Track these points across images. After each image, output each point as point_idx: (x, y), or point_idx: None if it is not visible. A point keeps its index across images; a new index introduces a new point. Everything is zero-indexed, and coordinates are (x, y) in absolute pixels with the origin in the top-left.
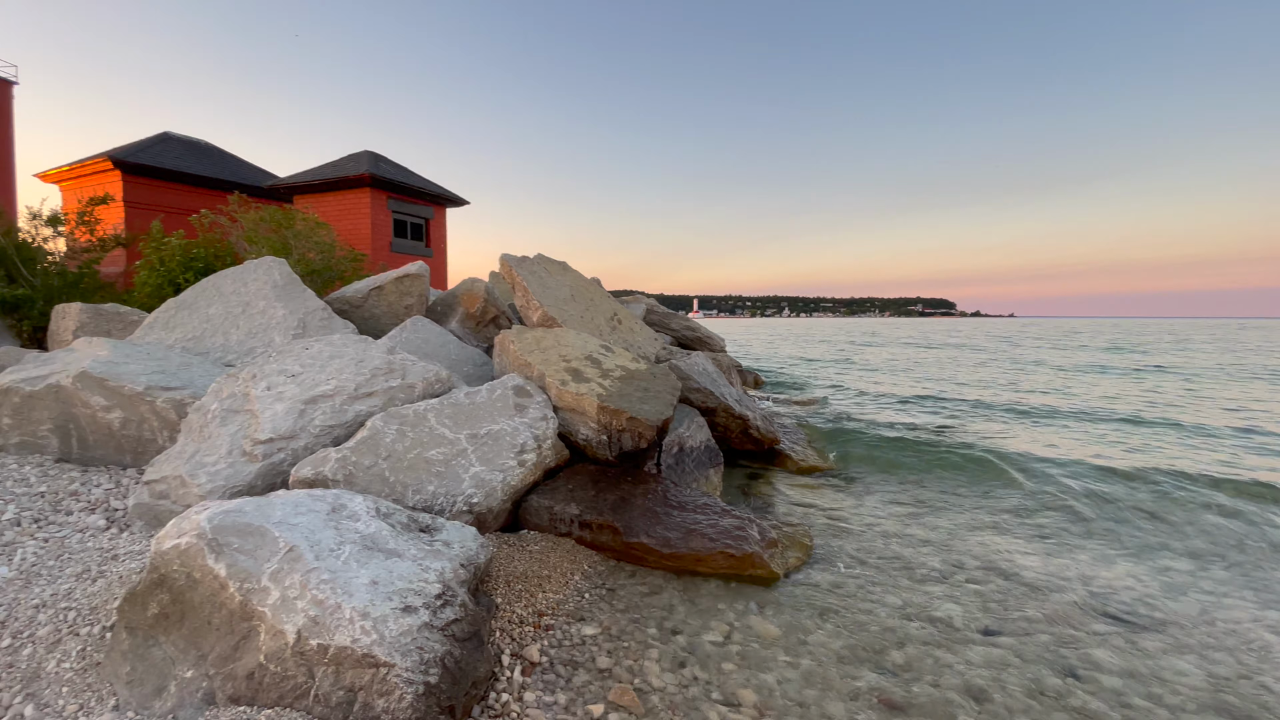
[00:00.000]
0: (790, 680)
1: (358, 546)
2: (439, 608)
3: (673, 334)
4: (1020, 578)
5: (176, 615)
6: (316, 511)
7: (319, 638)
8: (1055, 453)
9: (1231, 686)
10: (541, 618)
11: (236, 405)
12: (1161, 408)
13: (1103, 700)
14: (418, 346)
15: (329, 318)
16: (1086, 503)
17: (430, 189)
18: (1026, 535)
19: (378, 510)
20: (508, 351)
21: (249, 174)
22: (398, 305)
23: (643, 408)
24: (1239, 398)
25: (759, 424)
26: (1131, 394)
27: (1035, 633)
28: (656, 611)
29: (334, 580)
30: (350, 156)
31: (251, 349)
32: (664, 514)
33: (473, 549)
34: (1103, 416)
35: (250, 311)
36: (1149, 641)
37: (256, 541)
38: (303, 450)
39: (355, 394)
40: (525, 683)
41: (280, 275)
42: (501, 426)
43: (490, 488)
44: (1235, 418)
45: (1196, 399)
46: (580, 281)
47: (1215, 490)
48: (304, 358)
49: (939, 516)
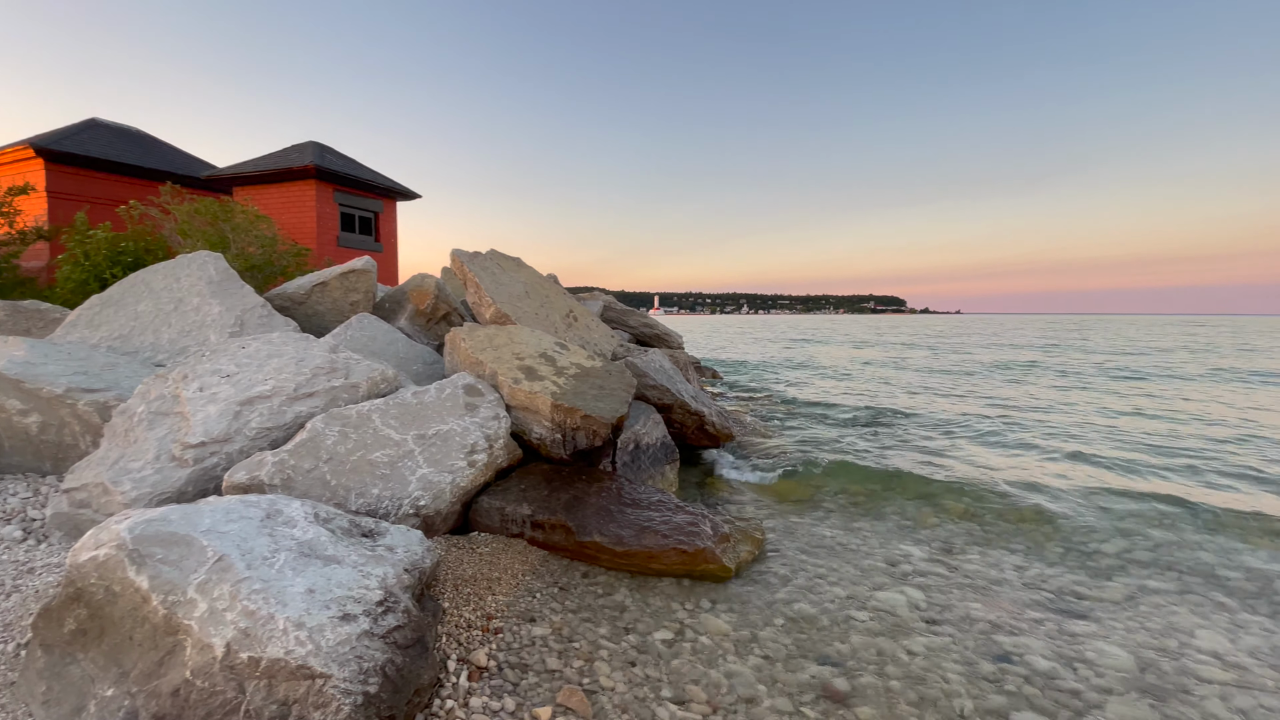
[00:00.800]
0: (739, 675)
1: (293, 554)
2: (380, 615)
3: (631, 331)
4: (962, 569)
5: (95, 631)
6: (249, 518)
7: (250, 650)
8: (991, 446)
9: (1155, 668)
10: (490, 621)
11: (166, 407)
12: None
13: (1034, 685)
14: (364, 345)
15: (269, 315)
16: (1021, 491)
17: (380, 181)
18: (967, 526)
19: (316, 515)
20: (458, 349)
21: (184, 163)
22: (343, 302)
23: (597, 405)
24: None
25: (715, 420)
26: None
27: (974, 621)
28: (609, 611)
29: (267, 590)
30: (294, 147)
31: (184, 348)
32: (618, 512)
33: (418, 553)
34: (1023, 409)
35: (183, 309)
36: (1077, 627)
37: (182, 551)
38: (238, 454)
39: (295, 394)
40: (471, 688)
41: (216, 270)
42: (451, 426)
43: (439, 490)
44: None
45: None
46: (535, 278)
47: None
48: (240, 357)
49: (886, 509)
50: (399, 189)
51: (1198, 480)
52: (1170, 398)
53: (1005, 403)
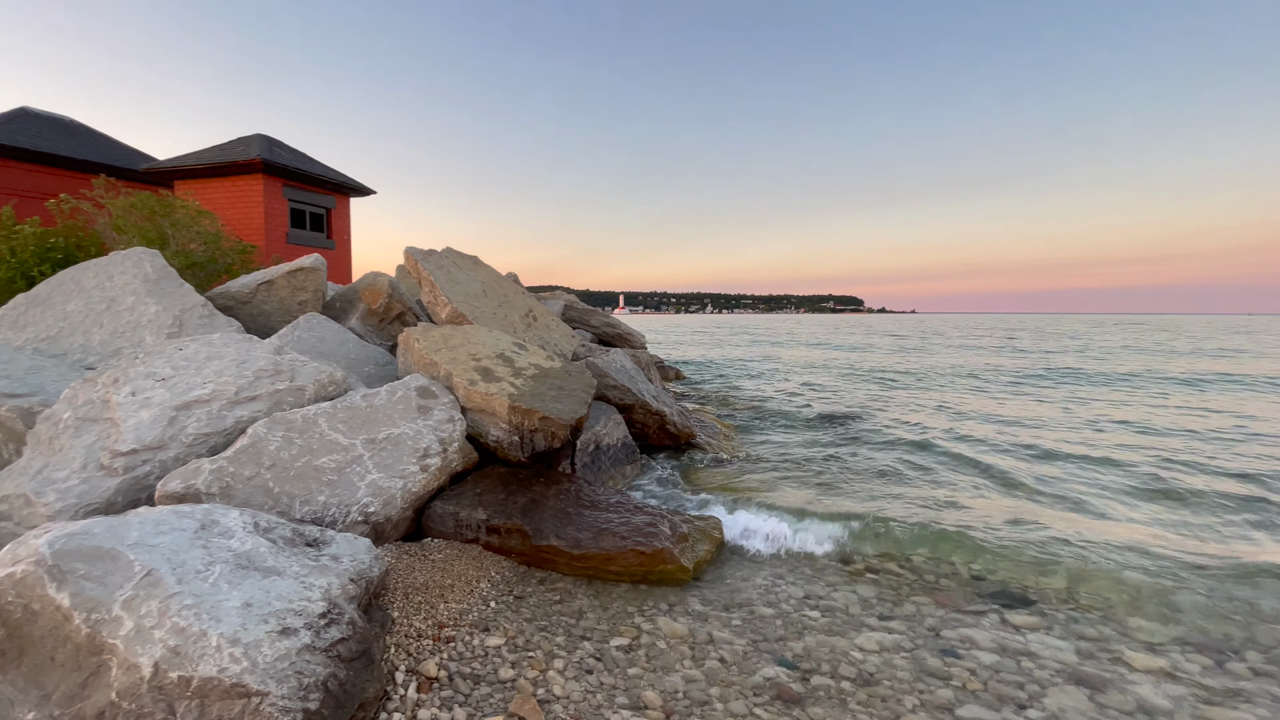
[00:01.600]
0: (695, 680)
1: (230, 566)
2: (323, 627)
3: (593, 331)
4: (912, 562)
5: (14, 652)
6: (182, 530)
7: (180, 669)
8: (946, 432)
9: (1091, 659)
10: (442, 630)
11: (94, 413)
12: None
13: (979, 678)
14: (312, 346)
15: (210, 315)
16: (979, 484)
17: (332, 176)
18: (918, 519)
19: (256, 525)
20: (411, 350)
21: (120, 155)
22: (290, 301)
23: (556, 406)
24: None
25: (676, 419)
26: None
27: (923, 615)
28: (566, 618)
29: (199, 605)
30: (240, 140)
31: (118, 350)
32: (576, 514)
33: (365, 561)
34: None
35: (117, 308)
36: (1019, 618)
37: (107, 567)
38: (173, 462)
39: (236, 398)
40: (420, 700)
41: (153, 268)
42: (403, 430)
43: (389, 495)
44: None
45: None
46: (493, 277)
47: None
48: (177, 359)
49: (845, 504)
50: (352, 184)
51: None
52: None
53: (966, 405)
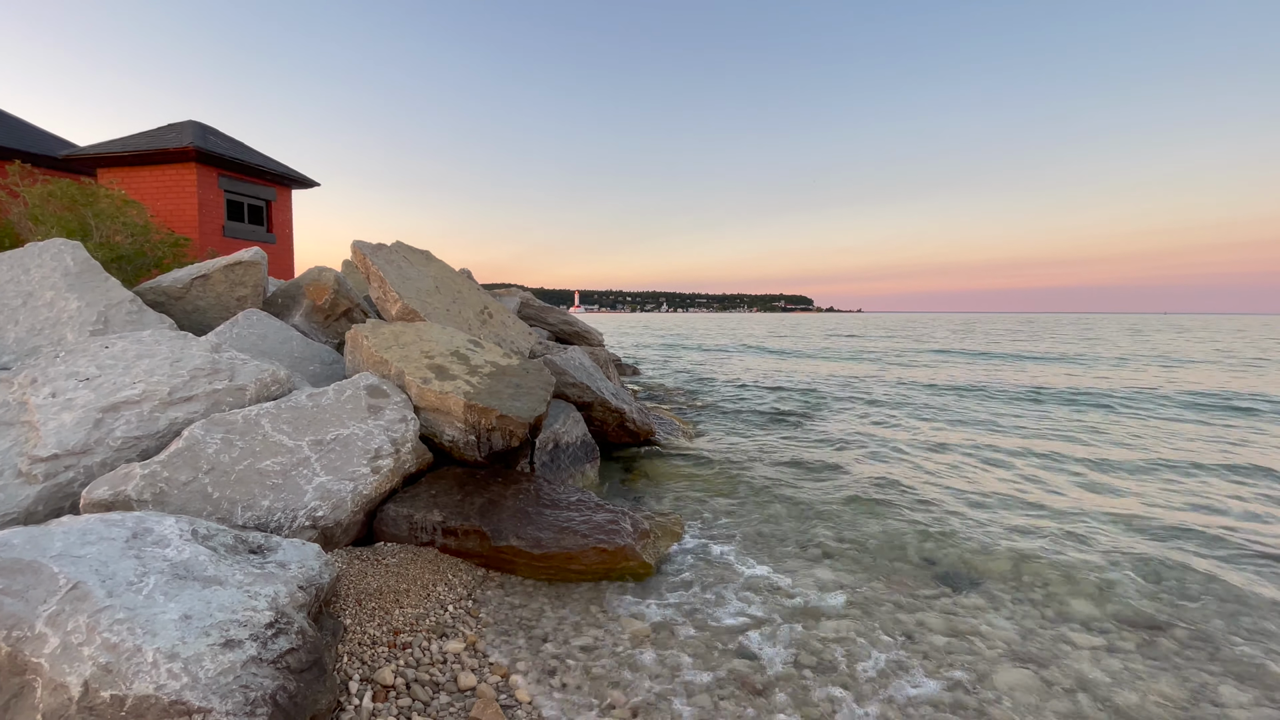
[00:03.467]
0: (659, 675)
1: (165, 577)
2: (270, 638)
3: (550, 329)
4: (867, 548)
5: None
6: (111, 539)
7: (112, 688)
8: (895, 425)
9: (1035, 637)
10: (398, 636)
11: (9, 416)
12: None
13: (932, 659)
14: (252, 344)
15: (139, 311)
16: (920, 470)
17: (272, 167)
18: (871, 504)
19: (194, 533)
20: (360, 348)
21: (37, 140)
22: (228, 297)
23: (514, 405)
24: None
25: (635, 417)
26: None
27: (879, 600)
28: (526, 620)
29: (132, 619)
30: (171, 126)
31: (35, 348)
32: (536, 514)
33: (314, 568)
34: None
35: (34, 304)
36: (970, 600)
37: (28, 580)
38: (99, 467)
39: (169, 399)
40: (376, 709)
41: (74, 260)
42: (352, 431)
43: (338, 499)
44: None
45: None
46: (446, 273)
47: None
48: (102, 358)
49: (800, 495)
50: (294, 176)
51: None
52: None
53: (913, 395)
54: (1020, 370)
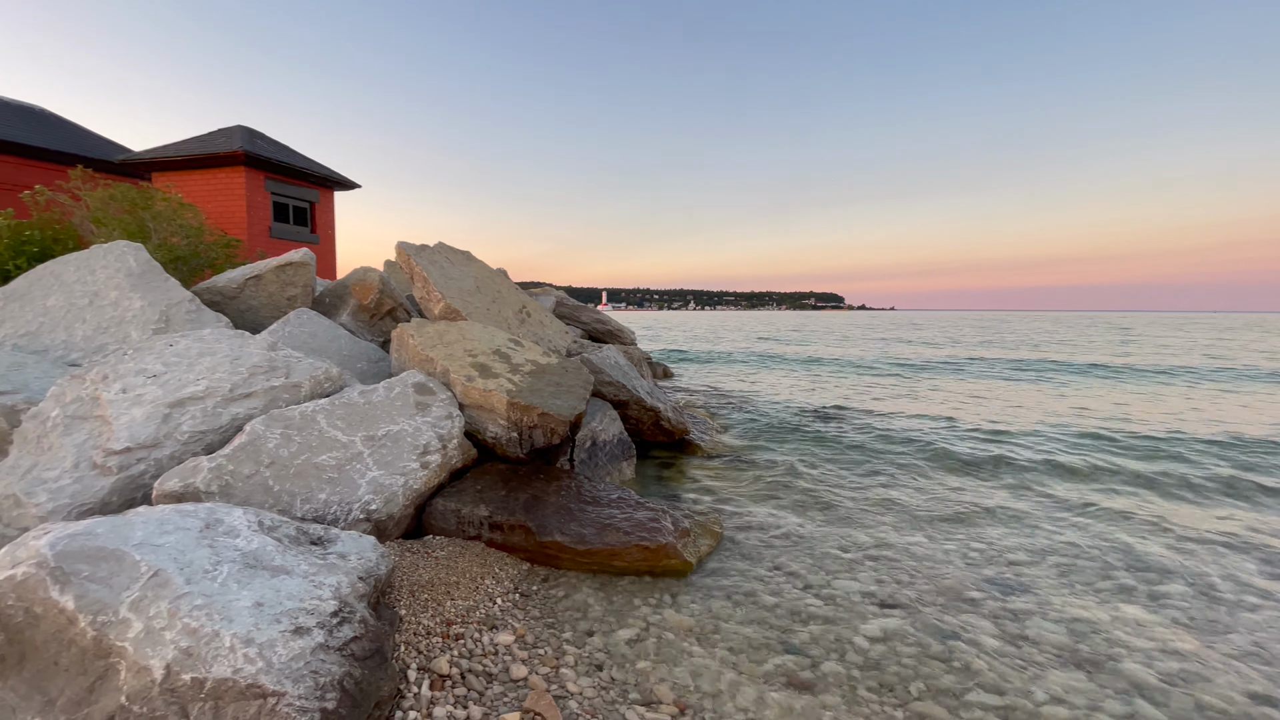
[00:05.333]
0: (705, 671)
1: (238, 566)
2: (335, 626)
3: (583, 327)
4: (911, 550)
5: (15, 657)
6: (187, 529)
7: (193, 671)
8: (933, 426)
9: (1087, 640)
10: (450, 627)
11: (84, 411)
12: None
13: (983, 660)
14: (304, 342)
15: (197, 310)
16: (964, 478)
17: (316, 170)
18: (913, 511)
19: (261, 524)
20: (407, 346)
21: (96, 146)
22: (279, 296)
23: (555, 403)
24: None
25: (670, 415)
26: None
27: (925, 604)
28: (572, 614)
29: (210, 605)
30: (221, 131)
31: (102, 346)
32: (578, 510)
33: (372, 560)
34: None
35: (100, 303)
36: (1018, 604)
37: (112, 567)
38: (168, 460)
39: (231, 395)
40: (434, 697)
41: (137, 262)
42: (402, 427)
43: (390, 493)
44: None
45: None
46: (486, 272)
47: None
48: (168, 355)
49: (839, 495)
50: (337, 178)
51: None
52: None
53: (952, 397)
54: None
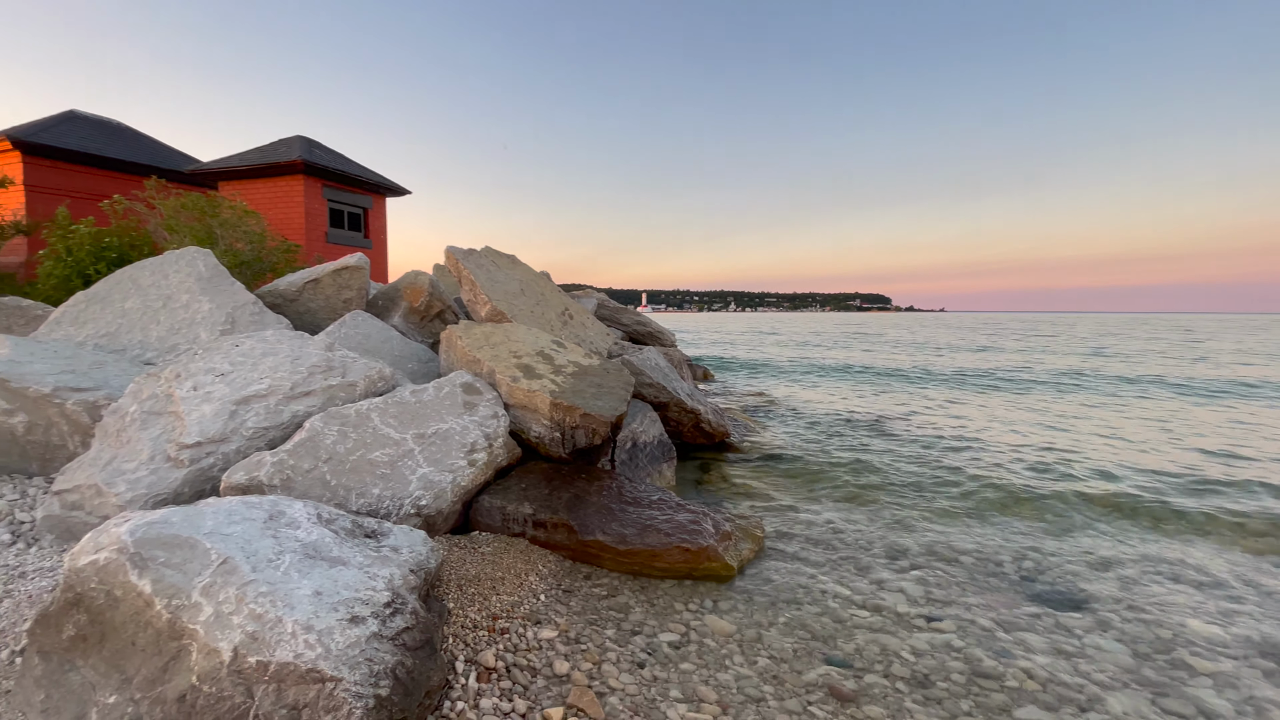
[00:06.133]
0: (747, 677)
1: (299, 556)
2: (388, 616)
3: (624, 329)
4: (959, 562)
5: (96, 637)
6: (252, 520)
7: (258, 654)
8: (983, 432)
9: (1151, 662)
10: (496, 621)
11: (159, 407)
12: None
13: (1035, 680)
14: (358, 343)
15: (260, 312)
16: (1017, 482)
17: (369, 177)
18: (962, 519)
19: (319, 516)
20: (455, 347)
21: (167, 157)
22: (336, 299)
23: (597, 404)
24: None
25: (710, 418)
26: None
27: (973, 617)
28: (614, 613)
29: (273, 592)
30: (281, 141)
31: (174, 346)
32: (619, 510)
33: (423, 553)
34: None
35: (172, 306)
36: (1076, 619)
37: (186, 554)
38: (235, 454)
39: (291, 393)
40: (481, 690)
41: (205, 267)
42: (450, 425)
43: (439, 489)
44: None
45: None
46: (530, 275)
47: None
48: (234, 355)
49: (883, 504)
50: (389, 185)
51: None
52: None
53: (997, 408)
54: None
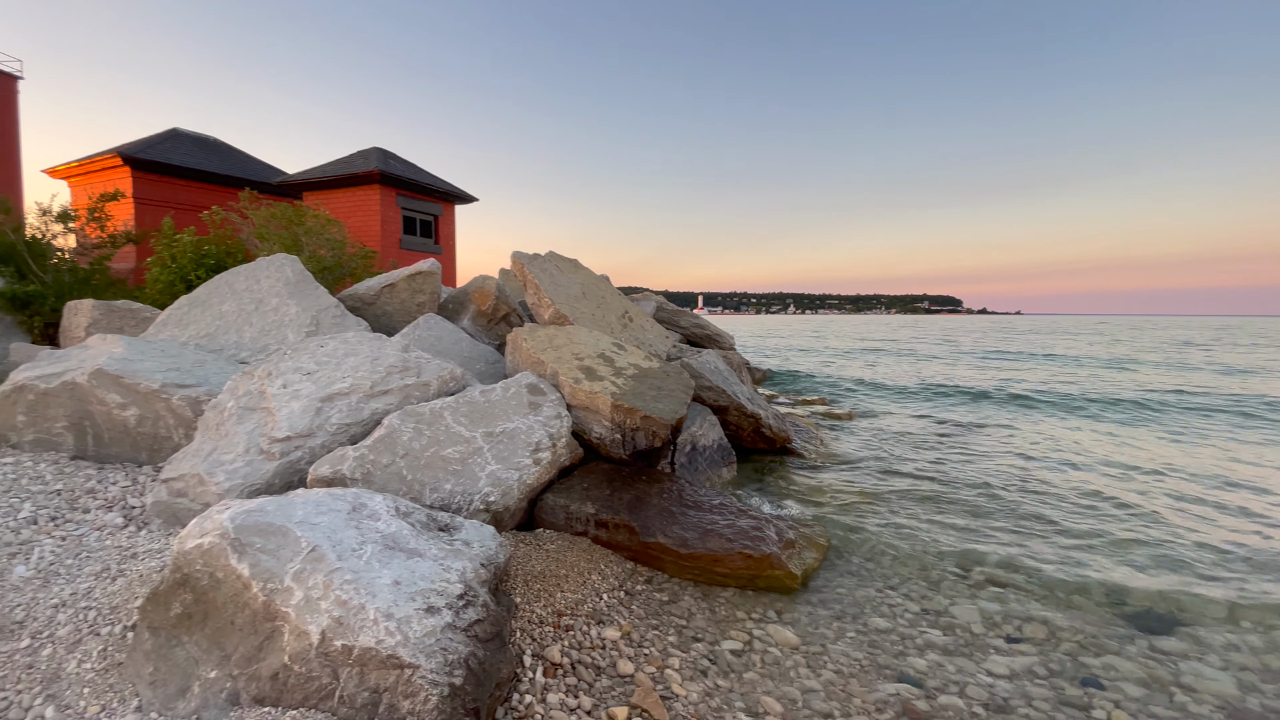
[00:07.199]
0: (814, 691)
1: (379, 546)
2: (461, 608)
3: (682, 331)
4: (1040, 576)
5: (199, 615)
6: (337, 511)
7: (343, 638)
8: (1065, 444)
9: (1257, 693)
10: (561, 618)
11: (253, 403)
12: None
13: (1125, 711)
14: (431, 344)
15: (342, 315)
16: (1106, 498)
17: (439, 186)
18: (1043, 531)
19: (397, 509)
20: (520, 349)
21: (257, 170)
22: (410, 303)
23: (657, 406)
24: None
25: (771, 422)
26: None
27: (1057, 639)
28: (676, 618)
29: (357, 580)
30: (360, 153)
31: (265, 346)
32: (680, 514)
33: (492, 548)
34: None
35: (263, 309)
36: (1171, 645)
37: (279, 541)
38: (320, 449)
39: (371, 392)
40: (548, 684)
41: (293, 272)
42: (516, 424)
43: (506, 486)
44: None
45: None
46: (591, 279)
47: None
48: (319, 355)
49: (956, 515)
50: (457, 192)
51: None
52: None
53: (1088, 432)
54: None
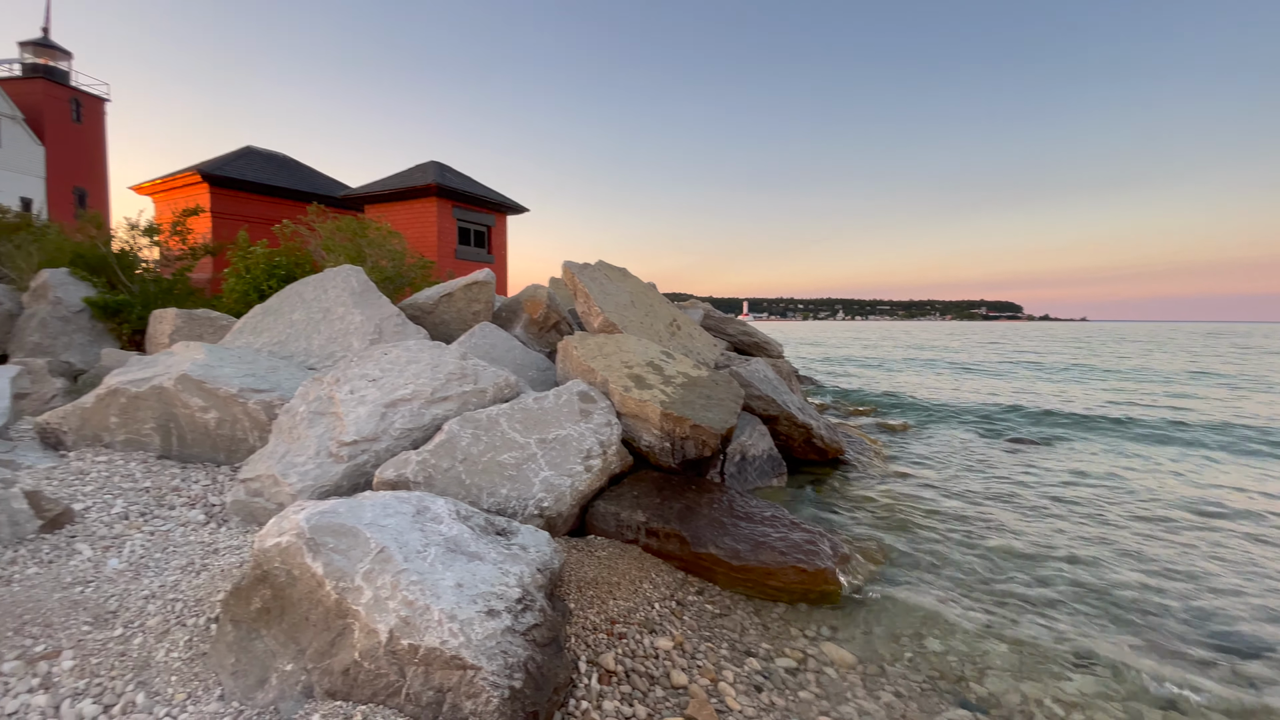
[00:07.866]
0: (871, 714)
1: (442, 549)
2: (520, 612)
3: (729, 339)
4: (1115, 597)
5: (277, 610)
6: (403, 513)
7: (410, 638)
8: (1146, 458)
9: None
10: (614, 625)
11: (322, 408)
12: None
13: None
14: (486, 352)
15: (403, 323)
16: (1181, 514)
17: (492, 197)
18: (1115, 544)
19: (458, 513)
20: (570, 358)
21: (324, 185)
22: (466, 311)
23: (706, 415)
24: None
25: (822, 433)
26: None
27: (1134, 660)
28: (728, 632)
29: (422, 582)
30: (418, 167)
31: (331, 353)
32: (731, 525)
33: (547, 553)
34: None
35: (330, 317)
36: (1256, 669)
37: (350, 542)
38: (384, 452)
39: (432, 398)
40: (603, 691)
41: (358, 282)
42: (568, 431)
43: (559, 492)
44: None
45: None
46: (639, 287)
47: None
48: (383, 362)
49: (1018, 529)
50: (509, 203)
51: None
52: None
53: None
54: None
